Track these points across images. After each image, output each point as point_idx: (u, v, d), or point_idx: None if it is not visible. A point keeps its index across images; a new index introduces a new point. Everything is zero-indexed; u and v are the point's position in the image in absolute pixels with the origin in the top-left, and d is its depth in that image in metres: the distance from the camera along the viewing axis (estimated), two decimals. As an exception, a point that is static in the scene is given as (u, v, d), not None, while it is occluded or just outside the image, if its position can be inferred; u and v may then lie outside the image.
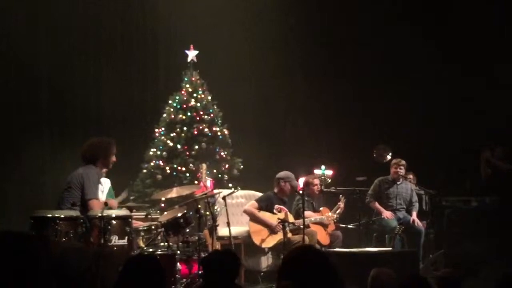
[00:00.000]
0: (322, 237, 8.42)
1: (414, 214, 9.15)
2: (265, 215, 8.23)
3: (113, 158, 6.71)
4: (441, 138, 10.88)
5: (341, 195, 8.81)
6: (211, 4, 11.32)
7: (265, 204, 8.32)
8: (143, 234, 6.75)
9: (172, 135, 10.39)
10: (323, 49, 11.72)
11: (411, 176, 9.60)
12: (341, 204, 8.71)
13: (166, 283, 3.43)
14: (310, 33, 11.73)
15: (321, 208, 8.89)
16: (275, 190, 8.50)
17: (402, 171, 9.16)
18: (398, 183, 9.18)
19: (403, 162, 9.22)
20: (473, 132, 10.25)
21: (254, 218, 8.24)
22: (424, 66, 10.97)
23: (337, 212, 8.65)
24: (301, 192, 7.97)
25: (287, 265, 3.09)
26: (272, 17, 11.53)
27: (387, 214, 8.95)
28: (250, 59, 11.31)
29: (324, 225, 8.55)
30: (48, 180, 10.12)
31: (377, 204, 9.09)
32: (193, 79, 10.70)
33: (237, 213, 8.89)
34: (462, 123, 10.63)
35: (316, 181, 8.74)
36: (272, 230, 8.12)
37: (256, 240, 8.13)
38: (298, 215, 8.34)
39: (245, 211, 8.37)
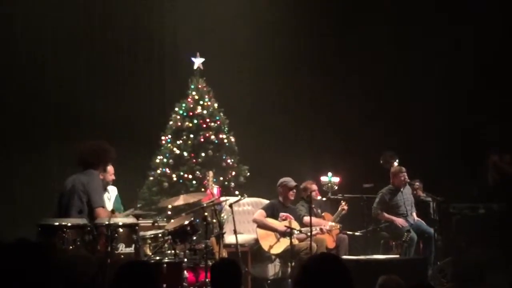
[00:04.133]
0: (328, 240, 8.42)
1: (415, 214, 9.16)
2: (273, 222, 8.26)
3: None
4: (447, 144, 10.87)
5: (342, 201, 8.83)
6: (217, 11, 11.34)
7: (271, 212, 8.36)
8: (150, 242, 6.76)
9: (178, 142, 10.40)
10: (331, 55, 11.74)
11: (417, 183, 9.57)
12: (344, 207, 8.74)
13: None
14: (316, 39, 11.75)
15: (322, 214, 8.91)
16: (280, 198, 8.55)
17: (406, 177, 9.13)
18: (402, 190, 9.14)
19: (403, 168, 9.20)
20: (479, 137, 10.25)
21: (262, 225, 8.26)
22: (430, 73, 10.98)
23: (341, 214, 8.69)
24: (306, 197, 8.07)
25: (307, 273, 3.02)
26: (279, 24, 11.54)
27: (400, 221, 8.90)
28: (256, 66, 11.32)
29: (327, 231, 8.56)
30: (55, 187, 10.12)
31: (386, 215, 9.03)
32: (200, 86, 10.72)
33: (244, 220, 8.89)
34: (467, 130, 10.63)
35: (314, 187, 8.77)
36: (281, 235, 8.12)
37: (265, 246, 8.13)
38: (300, 222, 8.39)
39: (254, 220, 8.40)
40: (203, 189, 8.96)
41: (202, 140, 10.34)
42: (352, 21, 11.69)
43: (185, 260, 6.69)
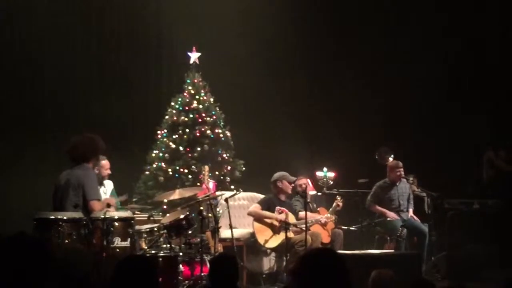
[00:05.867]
0: (323, 235, 8.44)
1: (411, 211, 9.16)
2: (269, 213, 8.25)
3: None
4: (443, 139, 10.89)
5: (337, 195, 8.84)
6: (213, 6, 11.33)
7: (267, 206, 8.34)
8: (145, 236, 6.77)
9: (174, 137, 10.40)
10: (325, 50, 11.74)
11: (411, 178, 9.58)
12: (339, 203, 8.74)
13: (159, 283, 3.42)
14: (312, 34, 11.75)
15: (318, 209, 8.93)
16: (274, 193, 8.53)
17: (402, 172, 9.14)
18: (397, 184, 9.16)
19: (400, 163, 9.21)
20: (474, 133, 10.27)
21: (259, 218, 8.24)
22: (425, 68, 10.99)
23: (336, 210, 8.71)
24: (301, 192, 8.08)
25: (305, 264, 3.04)
26: (275, 19, 11.53)
27: (391, 214, 8.92)
28: (252, 60, 11.31)
29: (323, 224, 8.58)
30: (50, 181, 10.09)
31: (378, 207, 9.06)
32: (196, 81, 10.71)
33: (239, 215, 8.90)
34: (462, 124, 10.64)
35: (303, 181, 8.76)
36: (277, 229, 8.12)
37: (260, 240, 8.14)
38: (296, 216, 8.40)
39: (250, 213, 8.38)
40: (198, 184, 8.97)
41: (198, 134, 10.34)
42: (351, 18, 11.69)
43: (181, 254, 6.73)
